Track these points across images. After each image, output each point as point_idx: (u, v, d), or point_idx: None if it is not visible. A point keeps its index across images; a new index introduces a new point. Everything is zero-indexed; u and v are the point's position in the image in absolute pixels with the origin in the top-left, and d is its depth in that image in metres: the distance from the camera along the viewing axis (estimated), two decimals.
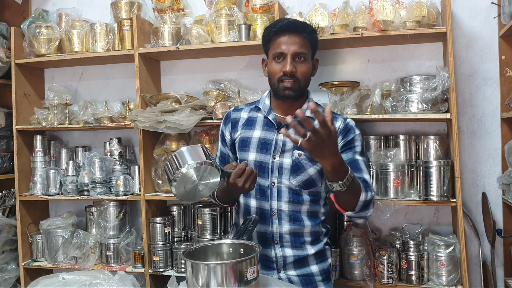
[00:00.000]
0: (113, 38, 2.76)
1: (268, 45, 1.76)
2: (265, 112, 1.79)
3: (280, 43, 1.69)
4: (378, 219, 2.55)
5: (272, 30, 1.73)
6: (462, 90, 2.48)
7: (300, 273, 1.75)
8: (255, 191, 1.75)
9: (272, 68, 1.73)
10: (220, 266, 1.34)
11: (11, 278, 2.95)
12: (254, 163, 1.75)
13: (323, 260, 1.80)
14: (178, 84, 2.89)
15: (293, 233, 1.74)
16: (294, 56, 1.68)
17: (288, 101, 1.75)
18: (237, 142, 1.82)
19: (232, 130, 1.85)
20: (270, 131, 1.77)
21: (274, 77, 1.72)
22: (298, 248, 1.75)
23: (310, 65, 1.74)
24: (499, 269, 2.46)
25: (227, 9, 2.52)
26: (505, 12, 2.24)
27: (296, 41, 1.68)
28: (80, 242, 2.74)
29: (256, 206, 1.76)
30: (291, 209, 1.73)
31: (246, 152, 1.77)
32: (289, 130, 1.61)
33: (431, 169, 2.23)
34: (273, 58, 1.72)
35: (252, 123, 1.81)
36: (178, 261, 2.58)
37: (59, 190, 2.84)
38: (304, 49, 1.70)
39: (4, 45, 2.99)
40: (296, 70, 1.68)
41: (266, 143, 1.75)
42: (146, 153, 2.64)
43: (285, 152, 1.73)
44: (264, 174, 1.73)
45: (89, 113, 2.76)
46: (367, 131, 2.60)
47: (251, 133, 1.79)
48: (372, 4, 2.27)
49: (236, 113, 1.88)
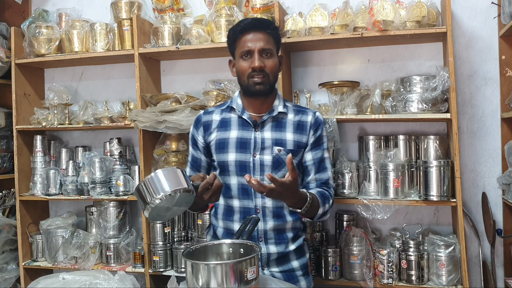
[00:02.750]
0: (113, 38, 2.76)
1: (234, 45, 1.80)
2: (239, 112, 1.82)
3: (246, 41, 1.74)
4: (378, 219, 2.55)
5: (237, 30, 1.77)
6: (462, 90, 2.48)
7: (283, 269, 1.79)
8: (238, 191, 1.79)
9: (240, 66, 1.76)
10: (220, 266, 1.33)
11: (11, 278, 2.95)
12: (235, 163, 1.77)
13: (303, 256, 1.86)
14: (178, 84, 2.89)
15: (276, 229, 1.78)
16: (261, 52, 1.73)
17: (259, 99, 1.79)
18: (212, 145, 1.83)
19: (205, 133, 1.85)
20: (247, 130, 1.80)
21: (243, 74, 1.75)
22: (281, 244, 1.79)
23: (277, 60, 1.79)
24: (499, 269, 2.46)
25: (227, 9, 2.52)
26: (505, 12, 2.24)
27: (261, 38, 1.74)
28: (80, 242, 2.74)
29: (240, 206, 1.79)
30: (275, 205, 1.78)
31: (225, 153, 1.79)
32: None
33: (431, 169, 2.23)
34: (241, 56, 1.76)
35: (227, 124, 1.83)
36: (178, 261, 2.58)
37: (59, 190, 2.83)
38: (270, 45, 1.75)
39: (4, 45, 2.99)
40: (264, 65, 1.73)
41: (245, 142, 1.78)
42: (146, 153, 2.64)
43: (264, 149, 1.77)
44: (245, 173, 1.75)
45: (89, 113, 2.76)
46: (367, 131, 2.60)
47: (227, 134, 1.81)
48: (372, 4, 2.27)
49: (207, 116, 1.88)
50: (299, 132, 1.81)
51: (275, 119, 1.81)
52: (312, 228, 2.48)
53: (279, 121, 1.81)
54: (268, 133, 1.79)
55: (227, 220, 1.82)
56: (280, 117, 1.81)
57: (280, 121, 1.81)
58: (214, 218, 1.90)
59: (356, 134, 2.61)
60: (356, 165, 2.42)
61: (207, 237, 1.96)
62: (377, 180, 2.35)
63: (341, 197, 2.38)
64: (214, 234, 1.88)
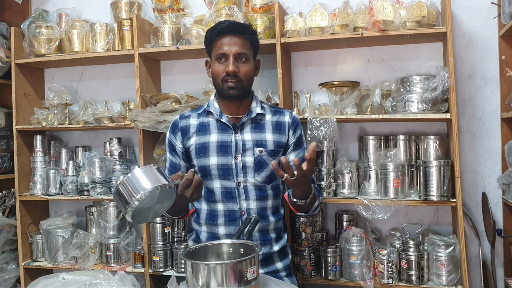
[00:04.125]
0: (113, 38, 2.76)
1: (210, 46, 1.81)
2: (217, 116, 1.82)
3: (222, 44, 1.74)
4: (378, 219, 2.55)
5: (214, 32, 1.77)
6: (462, 90, 2.48)
7: (267, 270, 1.81)
8: (222, 194, 1.79)
9: (215, 69, 1.77)
10: (220, 266, 1.34)
11: (11, 278, 2.95)
12: (217, 166, 1.77)
13: (286, 257, 1.89)
14: (178, 84, 2.89)
15: (261, 230, 1.80)
16: (236, 56, 1.74)
17: (235, 102, 1.80)
18: (192, 150, 1.82)
19: (184, 138, 1.85)
20: (227, 133, 1.80)
21: (218, 77, 1.76)
22: (266, 245, 1.81)
23: (252, 65, 1.80)
24: (499, 269, 2.46)
25: (227, 9, 2.51)
26: (505, 12, 2.24)
27: (237, 42, 1.74)
28: (80, 242, 2.74)
29: (224, 209, 1.80)
30: (259, 206, 1.80)
31: (206, 158, 1.79)
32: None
33: (431, 169, 2.23)
34: (216, 59, 1.77)
35: (206, 128, 1.83)
36: (178, 261, 2.58)
37: (59, 190, 2.83)
38: (246, 49, 1.76)
39: (4, 45, 2.99)
40: (238, 70, 1.73)
41: (225, 145, 1.78)
42: (146, 153, 2.64)
43: (246, 151, 1.78)
44: (228, 176, 1.77)
45: (89, 113, 2.76)
46: (367, 131, 2.60)
47: (207, 138, 1.80)
48: (372, 4, 2.27)
49: (184, 120, 1.88)
50: (278, 132, 1.82)
51: (253, 120, 1.83)
52: (312, 228, 2.48)
53: (257, 122, 1.82)
54: (248, 134, 1.80)
55: (211, 224, 1.82)
56: (258, 119, 1.83)
57: (259, 123, 1.82)
58: (196, 224, 1.89)
59: (356, 134, 2.61)
60: (356, 165, 2.42)
61: (189, 242, 1.95)
62: (377, 180, 2.35)
63: (341, 197, 2.38)
64: (197, 238, 1.87)
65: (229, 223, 1.79)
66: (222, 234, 1.79)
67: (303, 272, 2.42)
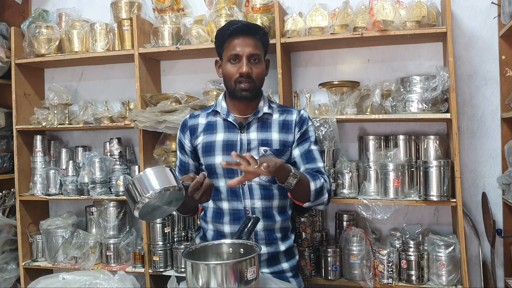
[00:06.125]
0: (113, 38, 2.76)
1: (222, 47, 1.80)
2: (224, 115, 1.83)
3: (235, 45, 1.74)
4: (378, 219, 2.55)
5: (226, 33, 1.77)
6: (462, 90, 2.48)
7: (273, 270, 1.80)
8: (227, 193, 1.80)
9: (228, 70, 1.76)
10: (220, 266, 1.34)
11: (11, 278, 2.95)
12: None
13: (292, 257, 1.88)
14: (178, 84, 2.89)
15: (266, 229, 1.79)
16: (249, 57, 1.74)
17: (244, 102, 1.80)
18: (199, 148, 1.84)
19: (192, 137, 1.87)
20: (233, 132, 1.81)
21: (230, 79, 1.76)
22: (272, 244, 1.80)
23: (264, 66, 1.81)
24: (499, 269, 2.46)
25: (227, 9, 2.52)
26: (505, 12, 2.24)
27: (250, 43, 1.74)
28: (80, 242, 2.74)
29: (229, 208, 1.80)
30: (264, 206, 1.79)
31: (212, 156, 1.80)
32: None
33: (431, 169, 2.23)
34: (228, 60, 1.76)
35: (213, 127, 1.84)
36: (178, 261, 2.58)
37: (59, 190, 2.83)
38: (258, 50, 1.76)
39: (4, 45, 2.99)
40: (252, 71, 1.73)
41: (231, 144, 1.79)
42: (146, 153, 2.64)
43: (251, 150, 1.78)
44: (233, 175, 1.76)
45: (89, 113, 2.76)
46: (367, 131, 2.60)
47: (214, 137, 1.82)
48: (372, 4, 2.27)
49: (193, 119, 1.89)
50: (284, 132, 1.82)
51: (260, 120, 1.83)
52: (312, 228, 2.48)
53: (264, 121, 1.83)
54: (254, 134, 1.80)
55: (217, 222, 1.83)
56: (265, 118, 1.83)
57: (265, 122, 1.82)
58: (203, 221, 1.90)
59: (356, 134, 2.61)
60: (356, 165, 2.42)
61: (196, 240, 1.96)
62: (377, 180, 2.35)
63: (341, 197, 2.38)
64: (204, 236, 1.89)
65: (234, 222, 1.79)
66: (227, 233, 1.80)
67: (303, 272, 2.42)
